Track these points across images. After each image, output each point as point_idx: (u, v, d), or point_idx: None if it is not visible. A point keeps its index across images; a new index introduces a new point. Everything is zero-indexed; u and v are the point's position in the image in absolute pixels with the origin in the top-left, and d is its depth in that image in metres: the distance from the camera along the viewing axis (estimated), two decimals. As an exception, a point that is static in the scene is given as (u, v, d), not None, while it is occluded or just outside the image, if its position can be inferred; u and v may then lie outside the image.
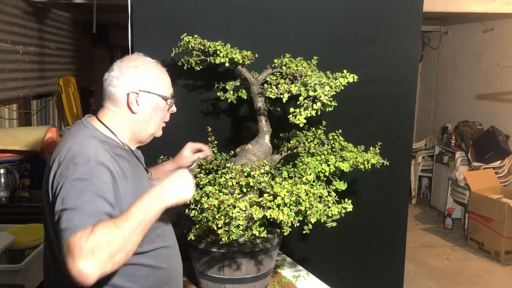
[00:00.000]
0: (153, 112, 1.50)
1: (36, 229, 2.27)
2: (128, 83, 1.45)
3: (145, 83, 1.47)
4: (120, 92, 1.46)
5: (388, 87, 2.54)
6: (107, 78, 1.48)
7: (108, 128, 1.46)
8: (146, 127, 1.51)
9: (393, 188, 2.63)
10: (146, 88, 1.46)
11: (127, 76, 1.46)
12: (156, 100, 1.49)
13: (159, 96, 1.49)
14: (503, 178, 5.21)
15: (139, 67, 1.48)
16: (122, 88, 1.45)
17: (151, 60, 1.54)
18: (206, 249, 1.82)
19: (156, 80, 1.50)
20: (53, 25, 5.23)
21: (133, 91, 1.45)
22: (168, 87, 1.54)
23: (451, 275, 4.33)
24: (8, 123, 4.32)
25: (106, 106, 1.49)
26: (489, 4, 4.65)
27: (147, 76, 1.48)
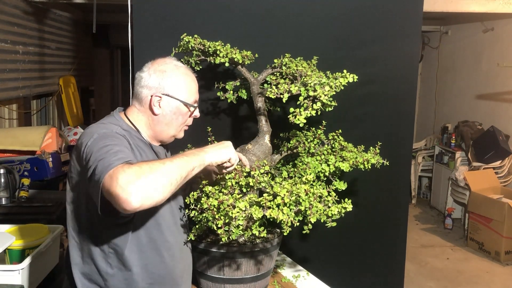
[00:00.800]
0: (174, 116, 1.57)
1: (36, 229, 2.27)
2: (154, 86, 1.53)
3: (169, 88, 1.54)
4: (145, 93, 1.54)
5: (388, 87, 2.53)
6: (137, 77, 1.57)
7: (132, 122, 1.55)
8: (167, 128, 1.58)
9: (393, 188, 2.63)
10: (169, 93, 1.54)
11: (154, 79, 1.53)
12: (178, 105, 1.56)
13: (180, 101, 1.56)
14: (503, 178, 5.22)
15: (166, 72, 1.55)
16: (147, 89, 1.54)
17: (181, 65, 1.61)
18: (206, 249, 1.82)
19: (181, 86, 1.56)
20: (53, 25, 5.23)
21: (156, 94, 1.53)
22: (193, 94, 1.60)
23: (451, 275, 4.33)
24: (8, 123, 4.33)
25: (133, 104, 1.59)
26: (489, 4, 4.65)
27: (172, 82, 1.54)
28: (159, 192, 1.19)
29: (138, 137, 1.55)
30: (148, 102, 1.54)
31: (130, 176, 1.14)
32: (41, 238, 2.19)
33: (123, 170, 1.16)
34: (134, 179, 1.14)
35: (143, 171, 1.17)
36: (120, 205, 1.14)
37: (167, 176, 1.22)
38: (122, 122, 1.54)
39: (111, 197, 1.16)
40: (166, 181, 1.21)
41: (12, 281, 1.94)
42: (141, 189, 1.14)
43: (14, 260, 2.11)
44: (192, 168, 1.34)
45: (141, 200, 1.14)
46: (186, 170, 1.31)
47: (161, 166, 1.22)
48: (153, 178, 1.18)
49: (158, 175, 1.19)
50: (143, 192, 1.15)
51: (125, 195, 1.13)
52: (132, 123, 1.55)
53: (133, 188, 1.13)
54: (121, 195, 1.13)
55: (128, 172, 1.15)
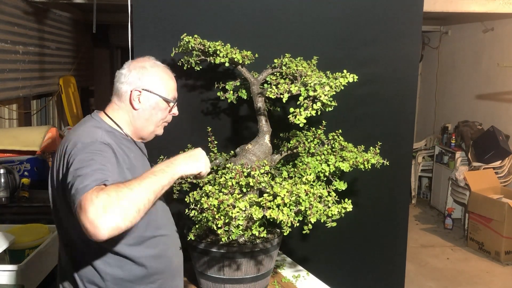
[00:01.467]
0: (153, 111, 1.58)
1: (36, 229, 2.27)
2: (133, 81, 1.55)
3: (149, 83, 1.56)
4: (125, 89, 1.56)
5: (388, 87, 2.53)
6: (117, 74, 1.59)
7: (113, 120, 1.56)
8: (146, 124, 1.59)
9: (394, 188, 2.63)
10: (148, 88, 1.55)
11: (133, 75, 1.56)
12: (157, 100, 1.58)
13: (160, 97, 1.57)
14: (503, 178, 5.21)
15: (146, 68, 1.57)
16: (127, 85, 1.55)
17: (160, 64, 1.63)
18: (206, 249, 1.82)
19: (160, 82, 1.58)
20: (53, 25, 5.23)
21: (136, 89, 1.55)
22: (171, 90, 1.62)
23: (451, 275, 4.33)
24: (8, 123, 4.33)
25: (113, 101, 1.59)
26: (489, 4, 4.65)
27: (151, 77, 1.57)
28: (127, 221, 1.19)
29: (122, 135, 1.56)
30: (128, 97, 1.55)
31: (98, 209, 1.15)
32: (41, 238, 2.19)
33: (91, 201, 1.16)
34: (101, 212, 1.15)
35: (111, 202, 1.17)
36: (90, 236, 1.17)
37: (135, 203, 1.22)
38: (104, 123, 1.54)
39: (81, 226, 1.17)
40: (135, 209, 1.22)
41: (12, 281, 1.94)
42: (108, 221, 1.15)
43: (14, 260, 2.11)
44: (161, 188, 1.33)
45: (109, 232, 1.16)
46: (155, 192, 1.30)
47: (129, 193, 1.22)
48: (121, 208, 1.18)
49: (126, 203, 1.19)
50: (111, 224, 1.16)
51: (93, 229, 1.15)
52: (114, 121, 1.56)
53: (101, 222, 1.14)
54: (90, 229, 1.15)
55: (96, 203, 1.16)
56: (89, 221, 1.15)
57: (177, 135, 2.35)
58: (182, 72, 2.19)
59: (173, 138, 2.34)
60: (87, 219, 1.15)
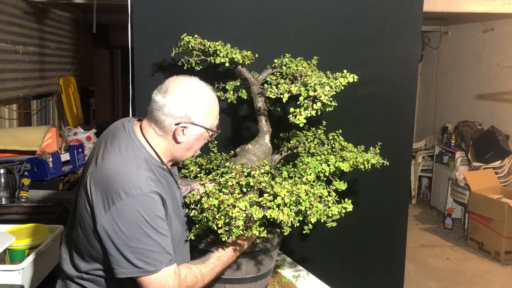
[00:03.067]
0: (197, 142, 1.54)
1: (36, 229, 2.27)
2: (178, 115, 1.46)
3: (195, 117, 1.48)
4: (168, 122, 1.46)
5: (388, 87, 2.53)
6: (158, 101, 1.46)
7: (152, 147, 1.50)
8: (187, 153, 1.57)
9: (394, 188, 2.63)
10: (194, 121, 1.48)
11: (178, 107, 1.45)
12: (202, 132, 1.52)
13: (205, 128, 1.51)
14: (503, 178, 5.21)
15: (191, 100, 1.47)
16: (172, 118, 1.46)
17: (205, 87, 1.53)
18: (206, 249, 1.82)
19: (206, 112, 1.50)
20: (53, 25, 5.23)
21: (181, 124, 1.46)
22: (215, 117, 1.56)
23: (451, 275, 4.33)
24: (8, 123, 4.32)
25: (152, 126, 1.50)
26: (489, 4, 4.65)
27: (198, 109, 1.48)
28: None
29: (159, 165, 1.51)
30: (172, 131, 1.47)
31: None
32: (41, 238, 2.19)
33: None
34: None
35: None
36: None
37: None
38: (142, 149, 1.48)
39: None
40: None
41: (12, 281, 1.94)
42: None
43: (14, 260, 2.11)
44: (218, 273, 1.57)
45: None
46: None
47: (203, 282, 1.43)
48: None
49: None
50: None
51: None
52: (153, 148, 1.50)
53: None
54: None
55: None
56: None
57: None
58: (182, 72, 2.18)
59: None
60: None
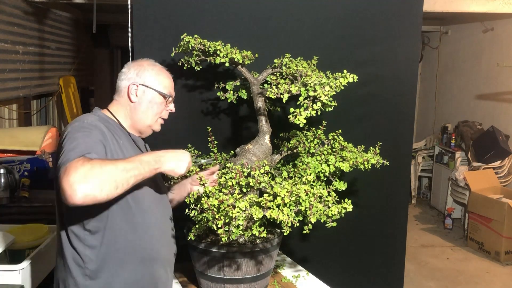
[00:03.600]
0: (150, 104, 1.66)
1: (36, 229, 2.27)
2: (131, 77, 1.66)
3: (145, 79, 1.66)
4: (123, 84, 1.67)
5: (388, 87, 2.53)
6: (119, 74, 1.70)
7: (111, 113, 1.66)
8: (143, 117, 1.67)
9: (393, 188, 2.63)
10: (144, 83, 1.65)
11: (132, 72, 1.67)
12: (153, 94, 1.66)
13: (155, 91, 1.66)
14: (503, 178, 5.21)
15: (143, 66, 1.68)
16: (125, 80, 1.66)
17: (158, 64, 1.73)
18: (206, 249, 1.82)
19: (156, 77, 1.68)
20: (53, 25, 5.23)
21: (133, 83, 1.65)
22: (167, 87, 1.70)
23: (451, 275, 4.33)
24: (8, 123, 4.32)
25: (113, 98, 1.70)
26: (489, 4, 4.65)
27: (148, 74, 1.67)
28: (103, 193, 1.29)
29: (117, 125, 1.64)
30: (126, 92, 1.65)
31: (80, 175, 1.26)
32: (41, 238, 2.19)
33: (75, 167, 1.27)
34: (82, 178, 1.26)
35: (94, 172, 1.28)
36: (65, 199, 1.26)
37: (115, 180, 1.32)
38: (102, 114, 1.64)
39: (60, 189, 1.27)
40: (114, 185, 1.31)
41: (12, 281, 1.94)
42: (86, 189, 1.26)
43: (14, 260, 2.11)
44: (142, 177, 1.42)
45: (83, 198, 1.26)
46: (135, 178, 1.39)
47: (112, 169, 1.32)
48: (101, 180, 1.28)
49: (107, 177, 1.30)
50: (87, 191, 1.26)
51: (70, 192, 1.25)
52: (112, 114, 1.66)
53: (79, 187, 1.25)
54: (68, 191, 1.25)
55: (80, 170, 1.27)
56: (69, 184, 1.25)
57: (177, 135, 2.35)
58: (182, 72, 2.19)
59: (174, 138, 2.34)
60: (67, 182, 1.25)
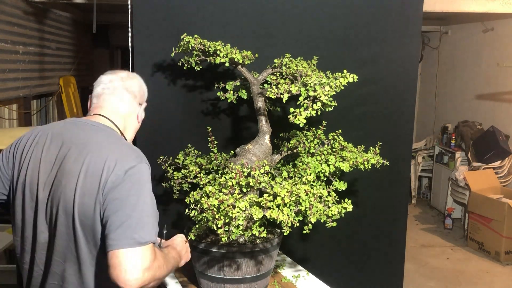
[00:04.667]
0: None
1: (36, 229, 2.26)
2: (135, 103, 1.63)
3: (141, 100, 1.67)
4: (131, 110, 1.62)
5: (388, 87, 2.53)
6: (120, 94, 1.62)
7: (119, 130, 1.61)
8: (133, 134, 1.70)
9: (393, 188, 2.63)
10: (142, 103, 1.67)
11: (132, 97, 1.62)
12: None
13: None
14: (503, 178, 5.21)
15: (134, 86, 1.63)
16: (131, 106, 1.62)
17: (136, 75, 1.69)
18: (206, 249, 1.82)
19: (144, 94, 1.68)
20: (53, 25, 5.23)
21: (137, 111, 1.65)
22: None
23: (451, 275, 4.33)
24: (8, 123, 4.33)
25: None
26: (489, 4, 4.65)
27: (142, 94, 1.67)
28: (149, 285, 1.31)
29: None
30: (136, 118, 1.66)
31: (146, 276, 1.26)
32: (41, 238, 2.18)
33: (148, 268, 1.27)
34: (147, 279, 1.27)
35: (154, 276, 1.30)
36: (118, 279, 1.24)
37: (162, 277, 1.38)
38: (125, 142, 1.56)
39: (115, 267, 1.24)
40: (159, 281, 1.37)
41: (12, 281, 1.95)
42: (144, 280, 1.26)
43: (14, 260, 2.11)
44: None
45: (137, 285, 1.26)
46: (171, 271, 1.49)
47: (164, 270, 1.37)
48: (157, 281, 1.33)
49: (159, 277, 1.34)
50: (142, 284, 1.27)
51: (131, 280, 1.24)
52: (122, 132, 1.61)
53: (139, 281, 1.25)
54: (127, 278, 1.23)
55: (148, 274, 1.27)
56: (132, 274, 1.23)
57: (177, 135, 2.35)
58: (182, 72, 2.19)
59: (173, 138, 2.35)
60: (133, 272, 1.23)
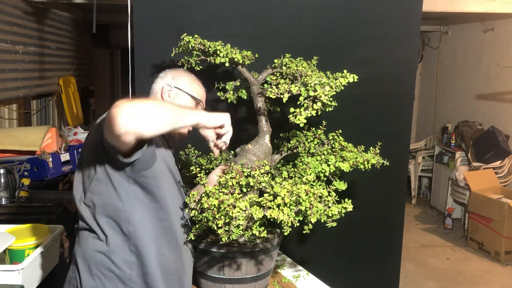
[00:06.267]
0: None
1: (36, 229, 2.27)
2: (166, 80, 1.76)
3: (179, 83, 1.75)
4: (158, 86, 1.76)
5: (388, 87, 2.53)
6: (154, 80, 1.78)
7: None
8: None
9: (392, 188, 2.63)
10: (179, 86, 1.75)
11: (168, 76, 1.77)
12: (185, 98, 1.75)
13: (188, 94, 1.75)
14: (503, 178, 5.21)
15: (179, 72, 1.79)
16: (160, 83, 1.76)
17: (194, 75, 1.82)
18: (206, 249, 1.82)
19: (190, 84, 1.77)
20: (53, 25, 5.23)
21: (168, 84, 1.74)
22: (199, 94, 1.79)
23: (451, 275, 4.33)
24: (8, 123, 4.33)
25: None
26: (489, 4, 4.65)
27: (183, 79, 1.77)
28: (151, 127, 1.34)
29: None
30: (160, 92, 1.73)
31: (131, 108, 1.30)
32: (41, 238, 2.19)
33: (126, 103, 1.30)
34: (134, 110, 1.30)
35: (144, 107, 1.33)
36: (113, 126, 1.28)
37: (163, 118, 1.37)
38: None
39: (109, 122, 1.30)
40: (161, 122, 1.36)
41: (12, 281, 1.94)
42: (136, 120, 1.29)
43: (14, 260, 2.11)
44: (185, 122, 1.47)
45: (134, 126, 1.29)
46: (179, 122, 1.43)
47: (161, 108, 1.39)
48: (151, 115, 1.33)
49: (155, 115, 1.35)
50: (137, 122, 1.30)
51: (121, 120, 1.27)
52: None
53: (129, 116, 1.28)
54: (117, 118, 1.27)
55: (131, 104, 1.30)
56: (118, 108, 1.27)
57: (177, 135, 2.35)
58: (182, 72, 2.19)
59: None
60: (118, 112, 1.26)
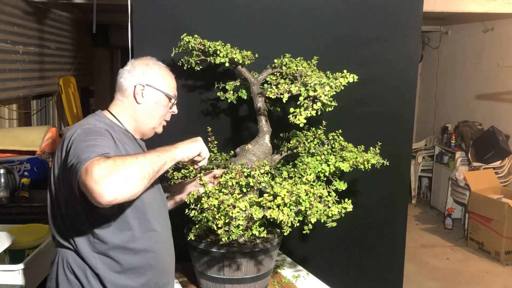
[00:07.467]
0: (156, 106, 1.62)
1: (36, 229, 2.27)
2: (137, 77, 1.60)
3: (152, 80, 1.61)
4: (129, 84, 1.60)
5: (388, 87, 2.53)
6: (120, 72, 1.63)
7: (114, 116, 1.60)
8: (148, 119, 1.63)
9: (393, 188, 2.63)
10: (152, 84, 1.60)
11: (138, 71, 1.61)
12: (160, 96, 1.62)
13: (162, 92, 1.62)
14: (503, 178, 5.21)
15: (149, 65, 1.63)
16: (131, 80, 1.60)
17: (161, 63, 1.68)
18: (206, 249, 1.82)
19: (162, 79, 1.63)
20: (53, 25, 5.23)
21: (140, 83, 1.59)
22: (172, 89, 1.67)
23: (451, 275, 4.33)
24: (8, 123, 4.33)
25: (115, 97, 1.64)
26: (489, 4, 4.65)
27: (155, 74, 1.62)
28: (132, 186, 1.22)
29: (122, 130, 1.58)
30: (132, 92, 1.59)
31: (104, 170, 1.17)
32: (41, 238, 2.19)
33: (98, 163, 1.19)
34: (107, 173, 1.17)
35: (117, 165, 1.20)
36: (94, 198, 1.17)
37: (140, 170, 1.26)
38: (105, 118, 1.58)
39: (86, 191, 1.19)
40: (139, 175, 1.25)
41: (12, 281, 1.94)
42: (114, 183, 1.18)
43: (14, 260, 2.11)
44: (164, 162, 1.38)
45: (115, 194, 1.18)
46: (158, 165, 1.35)
47: (134, 160, 1.26)
48: (126, 172, 1.21)
49: (131, 169, 1.23)
50: (117, 186, 1.18)
51: (99, 189, 1.16)
52: (115, 117, 1.60)
53: (107, 183, 1.16)
54: (95, 189, 1.16)
55: (103, 166, 1.18)
56: (95, 182, 1.15)
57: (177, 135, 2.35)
58: (182, 72, 2.19)
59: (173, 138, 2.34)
60: (92, 180, 1.16)
